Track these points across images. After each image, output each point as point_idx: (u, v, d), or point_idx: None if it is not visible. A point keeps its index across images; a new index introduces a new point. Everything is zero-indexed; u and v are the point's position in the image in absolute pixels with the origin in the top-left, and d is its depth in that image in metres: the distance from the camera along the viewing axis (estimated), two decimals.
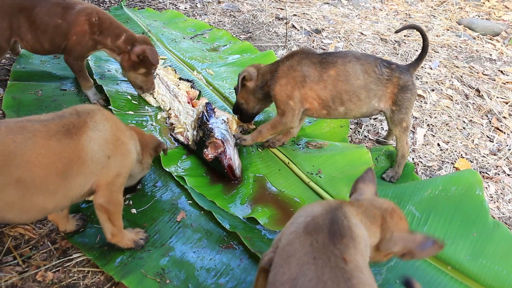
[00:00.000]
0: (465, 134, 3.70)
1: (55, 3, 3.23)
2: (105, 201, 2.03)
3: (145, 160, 2.39)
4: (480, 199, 2.51)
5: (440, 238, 2.42)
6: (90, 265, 2.27)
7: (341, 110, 2.79)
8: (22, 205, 1.81)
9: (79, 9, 3.25)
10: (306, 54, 2.83)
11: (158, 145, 2.46)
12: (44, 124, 1.87)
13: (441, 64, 4.81)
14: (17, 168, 1.74)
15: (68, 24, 3.22)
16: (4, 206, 1.78)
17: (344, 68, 2.72)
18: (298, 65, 2.78)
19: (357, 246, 1.44)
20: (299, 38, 5.20)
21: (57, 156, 1.83)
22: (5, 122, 1.84)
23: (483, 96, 4.25)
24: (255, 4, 6.18)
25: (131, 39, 3.33)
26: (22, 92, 3.49)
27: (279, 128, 2.90)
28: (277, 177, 2.91)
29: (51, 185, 1.83)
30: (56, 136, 1.85)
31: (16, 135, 1.77)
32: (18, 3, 3.16)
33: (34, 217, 1.93)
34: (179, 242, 2.42)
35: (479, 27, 5.85)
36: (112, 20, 3.36)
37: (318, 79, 2.74)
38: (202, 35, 5.01)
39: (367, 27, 5.68)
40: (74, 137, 1.89)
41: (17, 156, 1.74)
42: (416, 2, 6.87)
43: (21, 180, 1.75)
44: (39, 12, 3.17)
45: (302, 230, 1.46)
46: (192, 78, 3.93)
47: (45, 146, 1.81)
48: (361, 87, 2.71)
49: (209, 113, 3.11)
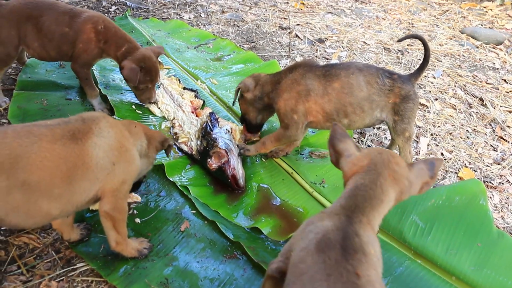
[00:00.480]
0: (469, 143, 3.70)
1: (62, 12, 3.27)
2: (110, 208, 2.04)
3: (151, 153, 2.40)
4: (484, 209, 2.51)
5: (444, 249, 2.43)
6: (94, 274, 2.28)
7: (345, 122, 2.80)
8: (27, 209, 1.82)
9: (85, 17, 3.28)
10: (309, 67, 2.83)
11: (165, 139, 2.48)
12: (50, 128, 1.90)
13: (444, 73, 4.81)
14: (22, 171, 1.76)
15: (75, 32, 3.25)
16: (10, 209, 1.79)
17: (347, 80, 2.72)
18: (302, 78, 2.78)
19: (369, 261, 1.42)
20: (302, 47, 5.22)
21: (62, 160, 1.85)
22: (13, 127, 1.88)
23: (487, 105, 4.25)
24: (259, 14, 6.22)
25: (130, 52, 3.33)
26: (28, 102, 3.52)
27: (283, 141, 2.91)
28: (280, 187, 2.92)
29: (56, 189, 1.85)
30: (61, 141, 1.87)
31: (22, 139, 1.80)
32: (26, 11, 3.21)
33: (39, 222, 1.94)
34: (183, 252, 2.42)
35: (482, 36, 5.86)
36: (117, 29, 3.38)
37: (322, 92, 2.74)
38: (206, 44, 5.04)
39: (370, 36, 5.70)
40: (79, 142, 1.91)
41: (23, 159, 1.77)
42: (419, 11, 6.89)
43: (26, 183, 1.77)
44: (46, 21, 3.21)
45: (314, 247, 1.44)
46: (196, 88, 3.95)
47: (50, 150, 1.83)
48: (364, 98, 2.72)
49: (213, 123, 3.13)
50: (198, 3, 6.35)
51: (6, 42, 3.26)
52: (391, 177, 1.68)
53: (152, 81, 3.41)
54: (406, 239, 2.51)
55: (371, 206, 1.59)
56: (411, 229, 2.53)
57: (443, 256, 2.40)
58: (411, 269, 2.38)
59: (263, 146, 2.98)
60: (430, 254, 2.42)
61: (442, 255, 2.41)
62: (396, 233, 2.56)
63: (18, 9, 3.21)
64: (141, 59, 3.30)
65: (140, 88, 3.41)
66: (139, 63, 3.28)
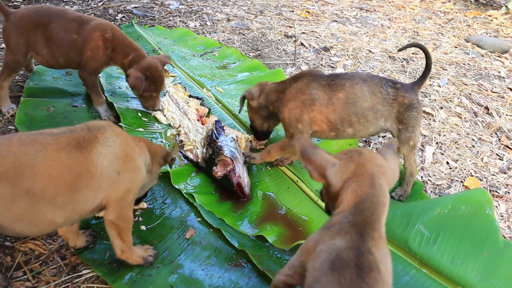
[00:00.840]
0: (475, 152, 3.69)
1: (71, 19, 3.30)
2: (115, 217, 2.05)
3: (154, 169, 2.39)
4: (490, 218, 2.50)
5: (450, 258, 2.42)
6: (99, 281, 2.28)
7: (350, 131, 2.80)
8: (31, 217, 1.82)
9: (94, 25, 3.31)
10: (314, 76, 2.84)
11: (167, 154, 2.47)
12: (55, 137, 1.90)
13: (449, 81, 4.81)
14: (27, 179, 1.77)
15: (83, 40, 3.28)
16: (14, 218, 1.80)
17: (352, 90, 2.73)
18: (307, 88, 2.79)
19: (384, 279, 1.42)
20: (307, 56, 5.24)
21: (67, 169, 1.85)
22: (18, 135, 1.88)
23: (492, 113, 4.25)
24: (264, 22, 6.25)
25: (136, 60, 3.36)
26: (35, 109, 3.54)
27: (288, 150, 2.91)
28: (286, 195, 2.92)
29: (60, 197, 1.85)
30: (66, 149, 1.87)
31: (27, 147, 1.80)
32: (36, 19, 3.24)
33: (43, 230, 1.95)
34: (188, 260, 2.42)
35: (487, 45, 5.86)
36: (124, 37, 3.41)
37: (327, 102, 2.75)
38: (212, 52, 5.06)
39: (375, 45, 5.72)
40: (84, 151, 1.91)
41: (27, 167, 1.77)
42: (424, 19, 6.91)
43: (30, 192, 1.78)
44: (55, 28, 3.24)
45: (328, 267, 1.42)
46: (201, 96, 3.96)
47: (55, 158, 1.83)
48: (368, 108, 2.73)
49: (219, 131, 3.14)
50: (204, 11, 6.39)
51: (15, 50, 3.29)
52: (381, 173, 1.66)
53: (156, 90, 3.43)
54: (412, 248, 2.50)
55: (377, 215, 1.57)
56: (416, 238, 2.53)
57: (449, 265, 2.39)
58: (417, 278, 2.38)
59: (268, 155, 2.99)
60: (436, 264, 2.42)
61: (448, 264, 2.40)
62: (401, 242, 2.56)
63: (28, 16, 3.25)
64: (146, 68, 3.33)
65: (145, 96, 3.43)
66: (145, 72, 3.30)
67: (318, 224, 2.66)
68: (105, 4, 6.13)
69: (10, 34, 3.25)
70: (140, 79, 3.27)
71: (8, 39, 3.28)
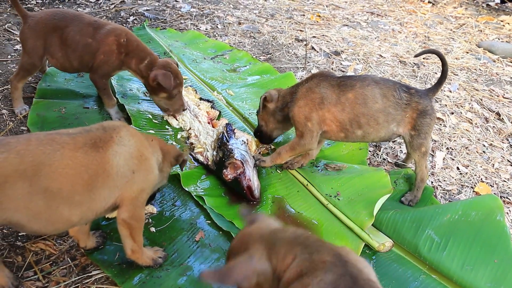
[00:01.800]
0: (485, 158, 3.67)
1: (87, 23, 3.35)
2: (128, 216, 2.07)
3: (165, 169, 2.41)
4: (501, 225, 2.48)
5: (460, 264, 2.40)
6: (109, 282, 2.29)
7: (359, 133, 2.80)
8: (48, 216, 1.85)
9: (109, 29, 3.35)
10: (325, 76, 2.86)
11: (180, 154, 2.49)
12: (72, 137, 1.93)
13: (460, 87, 4.79)
14: (45, 178, 1.80)
15: (98, 43, 3.32)
16: (32, 216, 1.82)
17: (362, 91, 2.73)
18: (317, 87, 2.81)
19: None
20: (318, 60, 5.24)
21: (83, 168, 1.88)
22: (36, 135, 1.91)
23: (504, 119, 4.22)
24: (275, 25, 6.26)
25: (153, 64, 3.40)
26: (47, 110, 3.57)
27: (298, 150, 2.92)
28: (295, 199, 2.92)
29: (77, 196, 1.88)
30: (83, 149, 1.90)
31: (45, 146, 1.83)
32: (53, 22, 3.30)
33: (60, 228, 1.97)
34: (197, 262, 2.43)
35: (499, 50, 5.82)
36: (139, 42, 3.44)
37: (336, 101, 2.76)
38: (223, 55, 5.08)
39: (386, 49, 5.70)
40: (100, 151, 1.94)
41: (45, 166, 1.80)
42: (435, 24, 6.88)
43: (48, 190, 1.81)
44: (71, 31, 3.29)
45: None
46: (212, 99, 3.98)
47: (72, 157, 1.86)
48: (379, 110, 2.72)
49: (229, 134, 3.15)
50: (215, 14, 6.42)
51: (31, 52, 3.34)
52: None
53: (181, 84, 3.46)
54: (422, 254, 2.49)
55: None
56: (426, 244, 2.51)
57: (459, 271, 2.38)
58: (426, 284, 2.37)
59: (279, 157, 3.00)
60: (446, 270, 2.40)
61: (458, 270, 2.38)
62: (411, 248, 2.55)
63: (45, 20, 3.30)
64: (166, 65, 3.39)
65: (174, 94, 3.43)
66: (166, 68, 3.36)
67: (327, 228, 2.65)
68: (117, 6, 6.18)
69: (28, 37, 3.30)
70: (168, 75, 3.31)
71: (26, 42, 3.33)
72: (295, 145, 2.91)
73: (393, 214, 2.70)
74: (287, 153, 2.96)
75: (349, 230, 2.62)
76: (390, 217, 2.69)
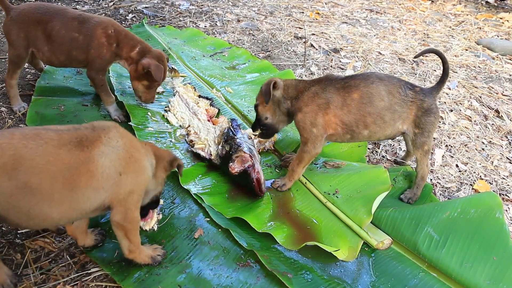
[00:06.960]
0: (484, 156, 3.67)
1: (72, 18, 3.35)
2: (120, 218, 2.06)
3: (159, 174, 2.35)
4: (500, 222, 2.48)
5: (459, 262, 2.40)
6: (108, 280, 2.29)
7: (365, 133, 2.79)
8: (27, 211, 1.83)
9: (95, 23, 3.36)
10: (330, 80, 2.83)
11: (174, 159, 2.41)
12: (58, 133, 1.91)
13: (459, 84, 4.79)
14: (25, 173, 1.77)
15: (85, 38, 3.32)
16: (11, 209, 1.81)
17: (367, 90, 2.72)
18: (323, 92, 2.78)
19: None
20: (317, 57, 5.24)
21: (65, 166, 1.85)
22: (21, 129, 1.89)
23: (503, 117, 4.22)
24: (274, 23, 6.25)
25: (145, 51, 3.43)
26: (45, 107, 3.57)
27: (306, 158, 2.86)
28: (294, 197, 2.91)
29: (57, 193, 1.85)
30: (67, 146, 1.87)
31: (28, 141, 1.81)
32: (37, 16, 3.31)
33: (40, 224, 1.97)
34: (196, 259, 2.43)
35: (498, 47, 5.82)
36: (126, 32, 3.47)
37: (341, 104, 2.73)
38: (222, 53, 5.07)
39: (385, 47, 5.70)
40: (85, 150, 1.91)
41: (26, 161, 1.78)
42: (434, 22, 6.88)
43: (28, 185, 1.78)
44: (56, 26, 3.30)
45: None
46: (211, 96, 3.97)
47: (54, 154, 1.84)
48: (385, 108, 2.71)
49: (235, 128, 3.14)
50: (214, 12, 6.41)
51: (16, 44, 3.36)
52: None
53: (163, 79, 3.51)
54: (420, 251, 2.49)
55: None
56: (425, 241, 2.51)
57: (458, 269, 2.38)
58: (425, 281, 2.37)
59: (293, 173, 2.94)
60: (445, 267, 2.40)
61: (457, 268, 2.38)
62: (410, 245, 2.55)
63: (28, 12, 3.32)
64: (159, 57, 3.45)
65: (154, 86, 3.51)
66: (159, 61, 3.41)
67: (326, 226, 2.65)
68: (116, 4, 6.17)
69: (10, 29, 3.33)
70: (161, 68, 3.36)
71: (9, 34, 3.35)
72: (302, 153, 2.86)
73: (392, 212, 2.70)
74: (299, 166, 2.91)
75: (348, 228, 2.62)
76: (389, 215, 2.69)
